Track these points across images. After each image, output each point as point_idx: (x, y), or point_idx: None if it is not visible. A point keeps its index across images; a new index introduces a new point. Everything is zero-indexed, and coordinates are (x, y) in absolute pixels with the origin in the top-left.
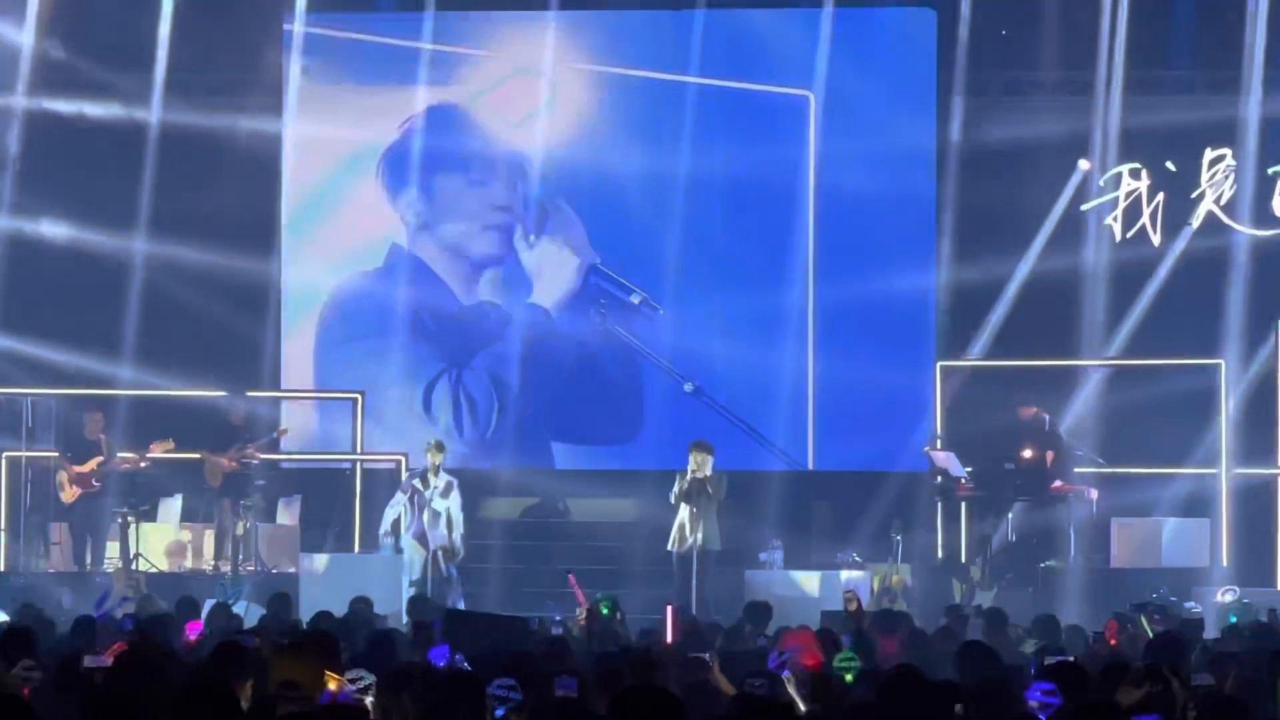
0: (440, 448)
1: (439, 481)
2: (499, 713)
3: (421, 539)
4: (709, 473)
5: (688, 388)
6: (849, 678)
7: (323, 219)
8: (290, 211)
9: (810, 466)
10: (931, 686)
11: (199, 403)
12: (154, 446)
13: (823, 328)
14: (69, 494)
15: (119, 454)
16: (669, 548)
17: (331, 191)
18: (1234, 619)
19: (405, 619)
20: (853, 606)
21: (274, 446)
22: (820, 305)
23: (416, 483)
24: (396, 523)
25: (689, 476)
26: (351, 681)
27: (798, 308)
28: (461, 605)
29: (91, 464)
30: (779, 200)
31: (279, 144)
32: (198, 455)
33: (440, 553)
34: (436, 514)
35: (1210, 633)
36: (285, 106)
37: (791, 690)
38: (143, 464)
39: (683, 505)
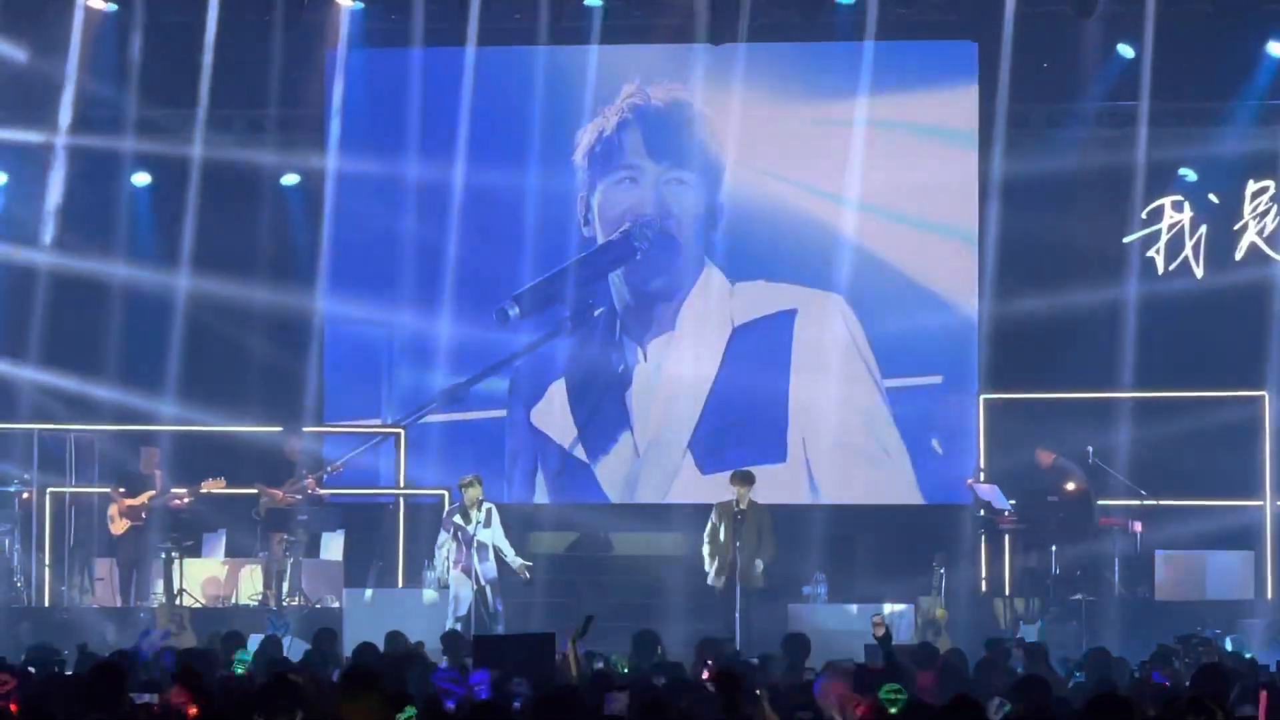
0: (478, 481)
1: (480, 514)
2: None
3: (469, 574)
4: (747, 505)
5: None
6: (894, 710)
7: (365, 252)
8: (332, 244)
9: (853, 500)
10: None
11: (243, 437)
12: (207, 484)
13: (863, 358)
14: (118, 525)
15: (171, 489)
16: (709, 582)
17: (375, 223)
18: None
19: (443, 654)
20: (880, 632)
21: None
22: (861, 336)
23: (458, 519)
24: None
25: (733, 509)
26: None
27: (840, 339)
28: None
29: (143, 497)
30: (820, 231)
31: (321, 177)
32: (253, 490)
33: (488, 587)
34: (484, 546)
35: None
36: (329, 138)
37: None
38: (187, 499)
39: (725, 540)
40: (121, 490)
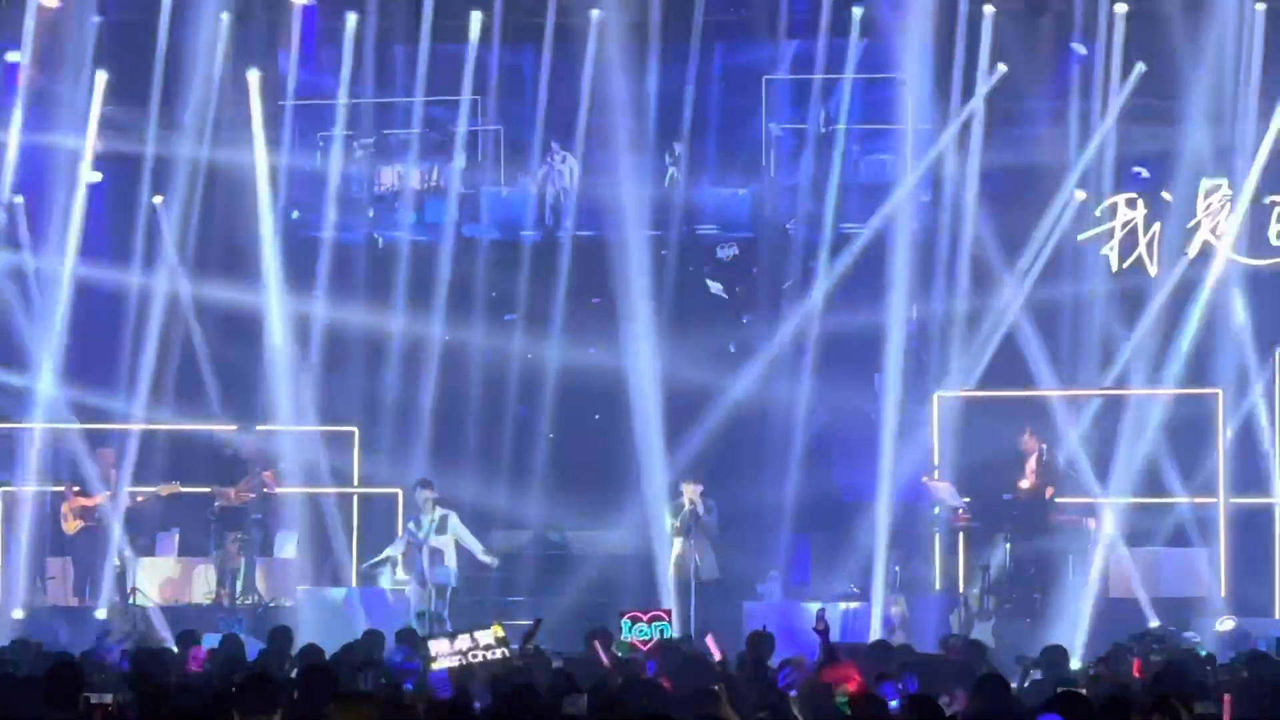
0: (427, 484)
1: (433, 518)
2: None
3: (421, 580)
4: (699, 502)
5: None
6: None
7: (305, 247)
8: (273, 240)
9: (807, 497)
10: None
11: (197, 436)
12: (161, 489)
13: (819, 357)
14: (70, 525)
15: (125, 489)
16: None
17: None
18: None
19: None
20: (820, 626)
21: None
22: (816, 334)
23: (411, 525)
24: (387, 560)
25: (685, 509)
26: None
27: (795, 337)
28: None
29: (98, 498)
30: (773, 231)
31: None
32: (207, 489)
33: (434, 590)
34: (437, 551)
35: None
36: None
37: (796, 711)
38: (140, 499)
39: (678, 538)
40: (76, 489)
